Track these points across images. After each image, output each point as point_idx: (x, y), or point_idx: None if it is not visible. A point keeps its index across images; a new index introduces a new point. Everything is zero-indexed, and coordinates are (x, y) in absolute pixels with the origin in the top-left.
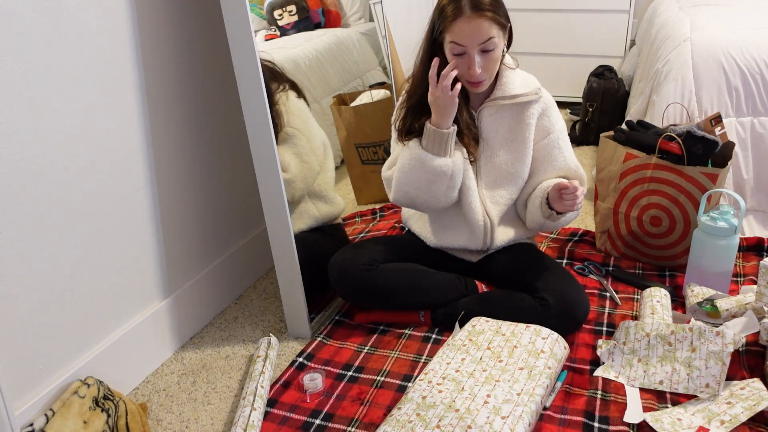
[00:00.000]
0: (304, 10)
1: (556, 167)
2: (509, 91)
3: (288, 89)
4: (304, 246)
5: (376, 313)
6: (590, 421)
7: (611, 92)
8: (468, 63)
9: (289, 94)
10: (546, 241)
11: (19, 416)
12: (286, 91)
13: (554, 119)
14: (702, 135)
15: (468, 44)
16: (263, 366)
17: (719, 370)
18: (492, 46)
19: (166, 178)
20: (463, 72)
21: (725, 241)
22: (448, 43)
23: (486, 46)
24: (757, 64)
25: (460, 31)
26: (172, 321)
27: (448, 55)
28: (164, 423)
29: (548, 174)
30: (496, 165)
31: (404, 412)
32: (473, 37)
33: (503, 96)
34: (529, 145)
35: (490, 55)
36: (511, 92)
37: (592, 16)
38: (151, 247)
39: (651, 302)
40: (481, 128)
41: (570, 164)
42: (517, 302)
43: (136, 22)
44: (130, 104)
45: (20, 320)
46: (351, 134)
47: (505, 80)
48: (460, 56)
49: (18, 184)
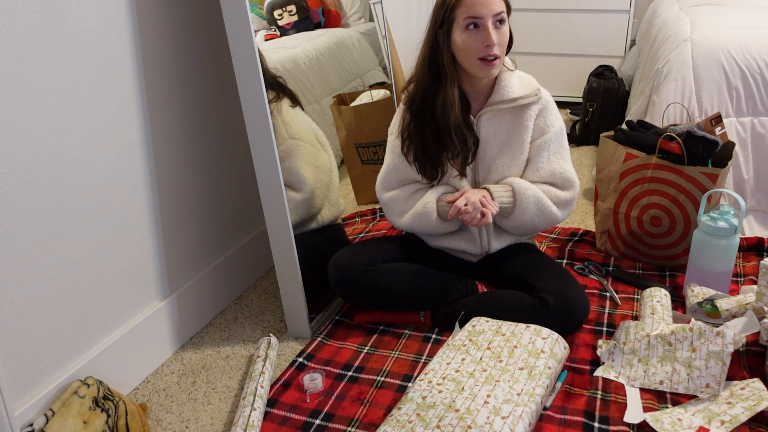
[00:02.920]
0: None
1: (538, 168)
2: (508, 95)
3: (282, 98)
4: (304, 246)
5: (376, 313)
6: (590, 421)
7: (611, 92)
8: (484, 36)
9: (282, 104)
10: (546, 241)
11: (19, 416)
12: (280, 101)
13: (550, 120)
14: (702, 135)
15: (485, 13)
16: (263, 366)
17: (719, 370)
18: (504, 18)
19: (166, 178)
20: (478, 48)
21: (725, 241)
22: (462, 21)
23: (500, 17)
24: (757, 64)
25: (474, 1)
26: (172, 321)
27: (458, 38)
28: (164, 423)
29: (530, 175)
30: (493, 168)
31: (404, 412)
32: (487, 5)
33: (501, 100)
34: (525, 148)
35: (503, 30)
36: (510, 95)
37: (592, 16)
38: (151, 246)
39: (651, 302)
40: (480, 133)
41: (554, 168)
42: (517, 302)
43: (136, 22)
44: (130, 104)
45: (20, 320)
46: (351, 134)
47: (504, 83)
48: (475, 31)
49: (18, 184)
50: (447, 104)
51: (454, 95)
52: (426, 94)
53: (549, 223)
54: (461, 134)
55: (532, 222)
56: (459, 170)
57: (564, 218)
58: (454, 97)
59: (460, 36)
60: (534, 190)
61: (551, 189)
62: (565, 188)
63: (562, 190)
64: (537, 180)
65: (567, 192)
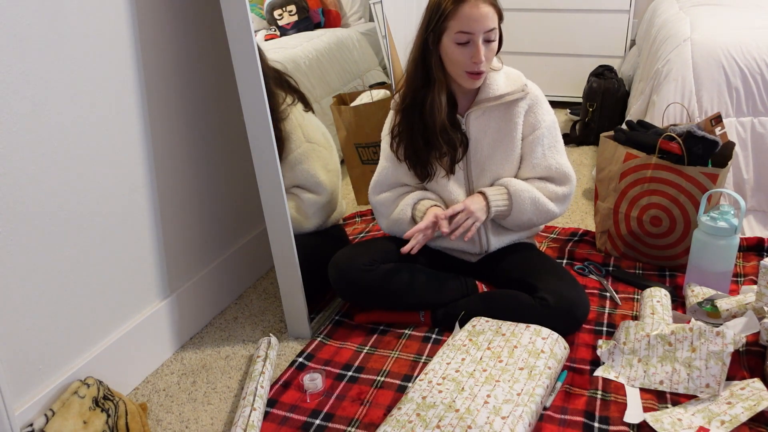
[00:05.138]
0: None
1: (534, 164)
2: (494, 92)
3: (296, 102)
4: (304, 246)
5: (376, 313)
6: (590, 421)
7: (611, 92)
8: (473, 51)
9: (298, 108)
10: (546, 241)
11: (19, 416)
12: (295, 105)
13: (541, 115)
14: (702, 135)
15: (475, 30)
16: (263, 366)
17: (719, 370)
18: (494, 36)
19: (166, 178)
20: (465, 62)
21: (725, 241)
22: (453, 34)
23: (489, 36)
24: (757, 64)
25: (468, 15)
26: (172, 321)
27: (447, 47)
28: (164, 423)
29: (526, 171)
30: (486, 167)
31: (404, 412)
32: (481, 22)
33: (488, 97)
34: (516, 144)
35: (491, 46)
36: (497, 93)
37: (592, 16)
38: (151, 247)
39: (651, 302)
40: (469, 132)
41: (550, 162)
42: (517, 302)
43: (136, 22)
44: (130, 104)
45: (20, 320)
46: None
47: (490, 81)
48: (464, 46)
49: (18, 184)
50: (434, 108)
51: (442, 100)
52: (416, 95)
53: (547, 219)
54: (447, 136)
55: (531, 221)
56: (447, 170)
57: (562, 212)
58: (441, 102)
59: (450, 46)
60: (530, 191)
61: (548, 185)
62: (562, 183)
63: (558, 185)
64: (533, 176)
65: (564, 187)
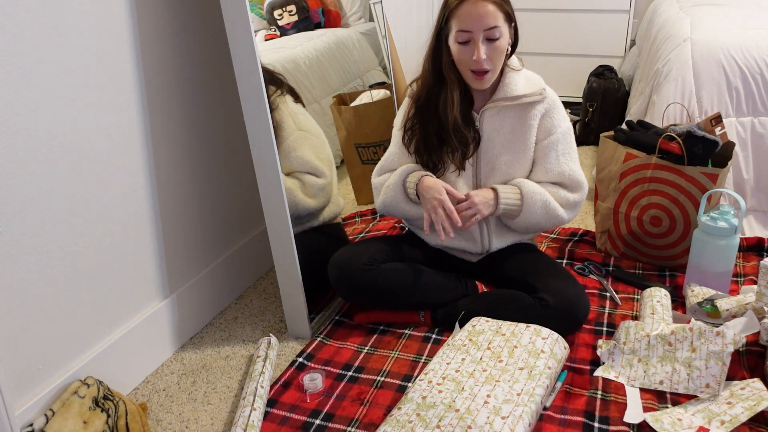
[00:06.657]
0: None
1: (547, 169)
2: (512, 92)
3: (285, 93)
4: (304, 246)
5: (376, 313)
6: (590, 421)
7: (611, 92)
8: (473, 50)
9: (287, 98)
10: (546, 241)
11: (19, 416)
12: (284, 95)
13: (557, 120)
14: (702, 135)
15: (474, 29)
16: (263, 366)
17: (719, 370)
18: (497, 34)
19: (165, 178)
20: (468, 60)
21: (725, 241)
22: (454, 33)
23: (491, 34)
24: (757, 64)
25: (467, 14)
26: (172, 321)
27: (452, 46)
28: (164, 423)
29: (539, 175)
30: (496, 166)
31: (404, 412)
32: (479, 20)
33: (505, 97)
34: (529, 147)
35: (496, 45)
36: (514, 93)
37: (592, 16)
38: (151, 247)
39: (651, 302)
40: (483, 129)
41: (564, 169)
42: (517, 302)
43: (136, 22)
44: (130, 104)
45: (20, 320)
46: (351, 134)
47: (508, 81)
48: (465, 44)
49: (18, 183)
50: (447, 106)
51: (455, 98)
52: (430, 93)
53: (555, 224)
54: (460, 134)
55: (539, 224)
56: (457, 165)
57: (570, 219)
58: (455, 100)
59: (454, 45)
60: (542, 194)
61: (560, 190)
62: (574, 190)
63: (570, 192)
64: (546, 181)
65: (575, 194)
